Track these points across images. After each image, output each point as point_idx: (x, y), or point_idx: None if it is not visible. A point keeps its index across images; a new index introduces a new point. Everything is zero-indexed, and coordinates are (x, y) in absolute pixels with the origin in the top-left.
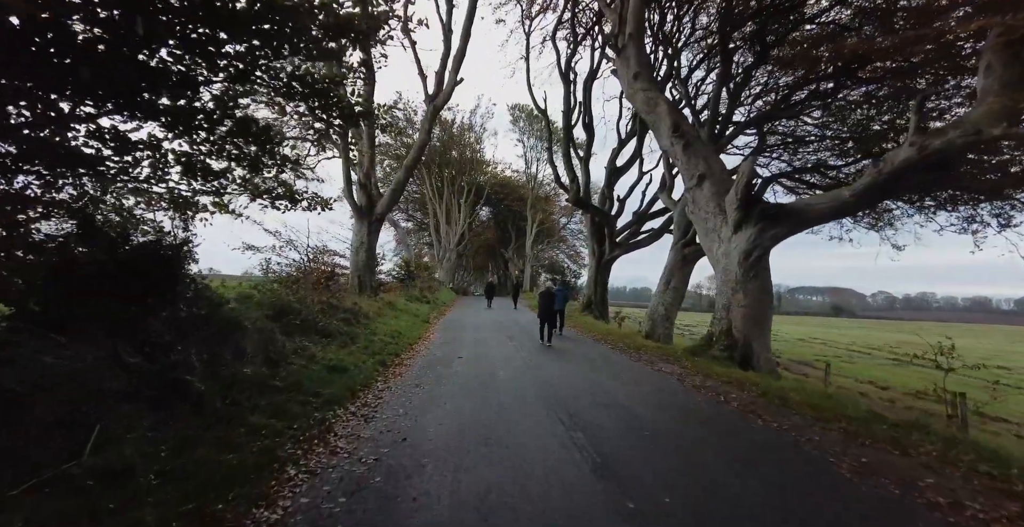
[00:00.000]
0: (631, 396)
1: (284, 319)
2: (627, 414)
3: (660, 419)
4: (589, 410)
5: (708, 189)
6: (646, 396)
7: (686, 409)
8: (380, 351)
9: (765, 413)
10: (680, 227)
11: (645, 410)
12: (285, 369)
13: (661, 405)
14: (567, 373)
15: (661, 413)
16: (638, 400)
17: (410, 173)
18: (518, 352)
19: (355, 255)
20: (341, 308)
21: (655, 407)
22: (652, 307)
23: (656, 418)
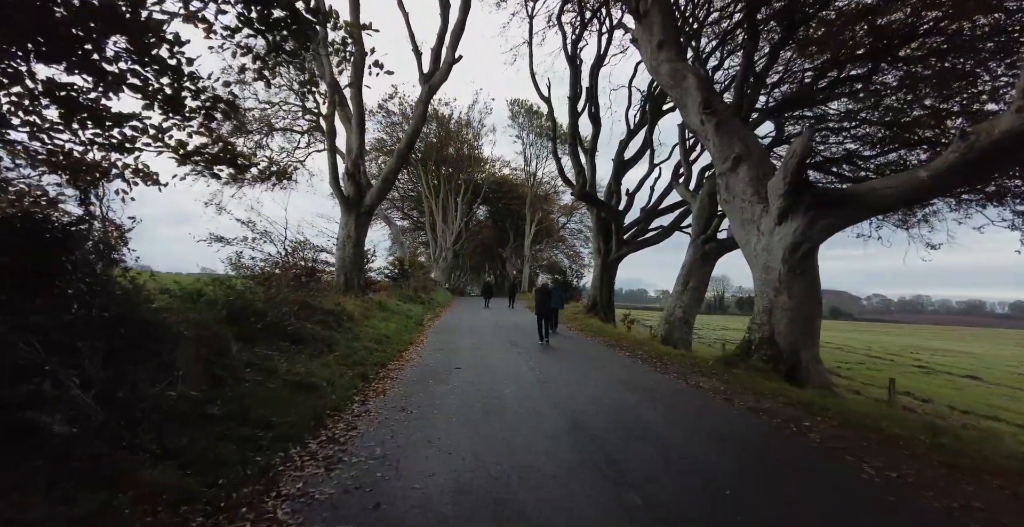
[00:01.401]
0: (678, 426)
1: (244, 323)
2: (685, 458)
3: (732, 467)
4: (632, 450)
5: (745, 173)
6: (697, 426)
7: (759, 449)
8: (363, 361)
9: (871, 457)
10: (700, 221)
11: (706, 451)
12: (233, 389)
13: (722, 440)
14: (589, 391)
15: (728, 455)
16: (690, 433)
17: (403, 161)
18: (525, 361)
19: (341, 250)
20: (320, 309)
21: (716, 444)
22: (668, 309)
23: (726, 465)
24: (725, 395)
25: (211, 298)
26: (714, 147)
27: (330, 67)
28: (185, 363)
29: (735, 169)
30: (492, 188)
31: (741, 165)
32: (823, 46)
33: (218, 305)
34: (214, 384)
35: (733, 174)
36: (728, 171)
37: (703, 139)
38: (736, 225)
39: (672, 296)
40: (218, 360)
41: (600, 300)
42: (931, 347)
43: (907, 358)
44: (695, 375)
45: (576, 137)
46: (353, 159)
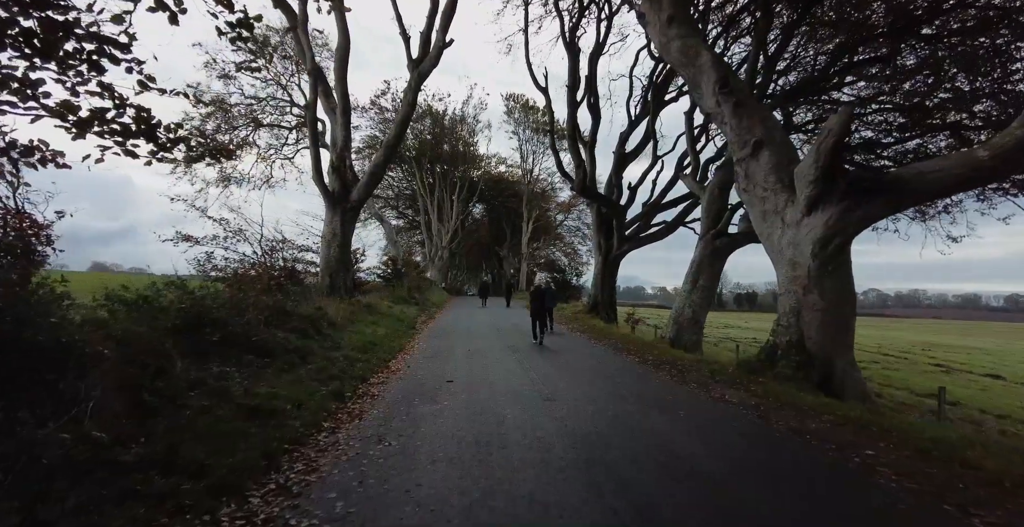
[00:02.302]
0: (719, 459)
1: (198, 334)
2: (742, 511)
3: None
4: (671, 500)
5: (767, 159)
6: (742, 460)
7: (828, 496)
8: (341, 374)
9: (977, 507)
10: (710, 215)
11: (766, 498)
12: (167, 421)
13: (779, 481)
14: (603, 410)
15: (795, 505)
16: (736, 470)
17: (392, 152)
18: (525, 371)
19: (326, 249)
20: (297, 315)
21: (774, 487)
22: (677, 309)
23: (793, 517)
24: (759, 412)
25: (160, 305)
26: (731, 131)
27: (311, 51)
28: (101, 391)
29: (755, 155)
30: (488, 186)
31: (762, 150)
32: (839, 26)
33: (169, 313)
34: (143, 416)
35: (753, 160)
36: (748, 157)
37: (718, 123)
38: (757, 217)
39: (681, 295)
40: (153, 384)
41: (601, 299)
42: (942, 343)
43: (921, 356)
44: (719, 386)
45: (575, 128)
46: (338, 152)
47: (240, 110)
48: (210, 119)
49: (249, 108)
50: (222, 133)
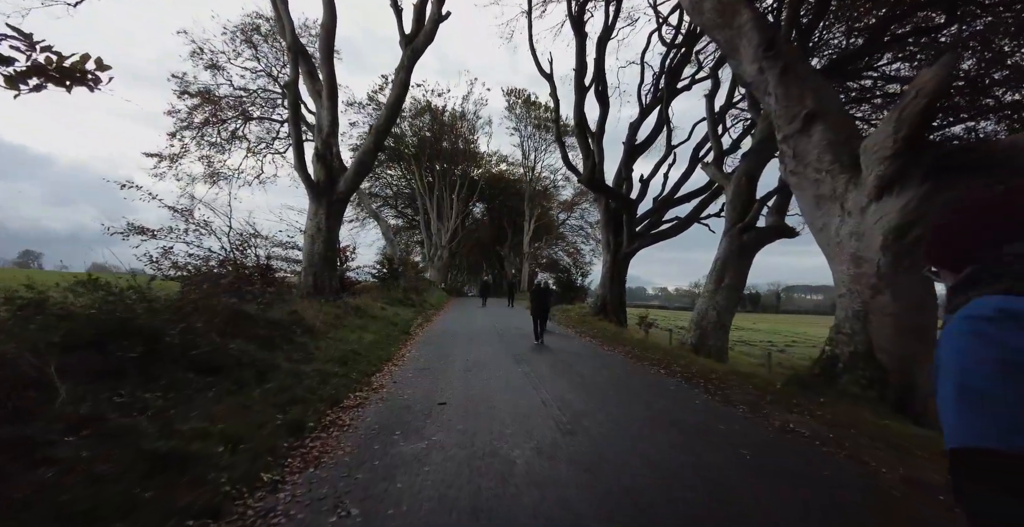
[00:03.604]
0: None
1: (110, 348)
2: None
3: None
4: None
5: (821, 135)
6: None
7: None
8: (306, 395)
9: None
10: (736, 207)
11: None
12: (9, 485)
13: None
14: (638, 445)
15: None
16: None
17: (382, 139)
18: (535, 389)
19: (309, 245)
20: (263, 320)
21: None
22: (700, 311)
23: None
24: (845, 449)
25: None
26: (777, 102)
27: (291, 24)
28: None
29: (807, 130)
30: (489, 184)
31: (815, 124)
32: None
33: (71, 321)
34: None
35: (804, 136)
36: (797, 133)
37: (760, 94)
38: (808, 203)
39: (703, 296)
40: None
41: (610, 300)
42: None
43: None
44: (771, 407)
45: (582, 116)
46: (324, 138)
47: (229, 102)
48: (197, 111)
49: (239, 100)
50: (211, 126)
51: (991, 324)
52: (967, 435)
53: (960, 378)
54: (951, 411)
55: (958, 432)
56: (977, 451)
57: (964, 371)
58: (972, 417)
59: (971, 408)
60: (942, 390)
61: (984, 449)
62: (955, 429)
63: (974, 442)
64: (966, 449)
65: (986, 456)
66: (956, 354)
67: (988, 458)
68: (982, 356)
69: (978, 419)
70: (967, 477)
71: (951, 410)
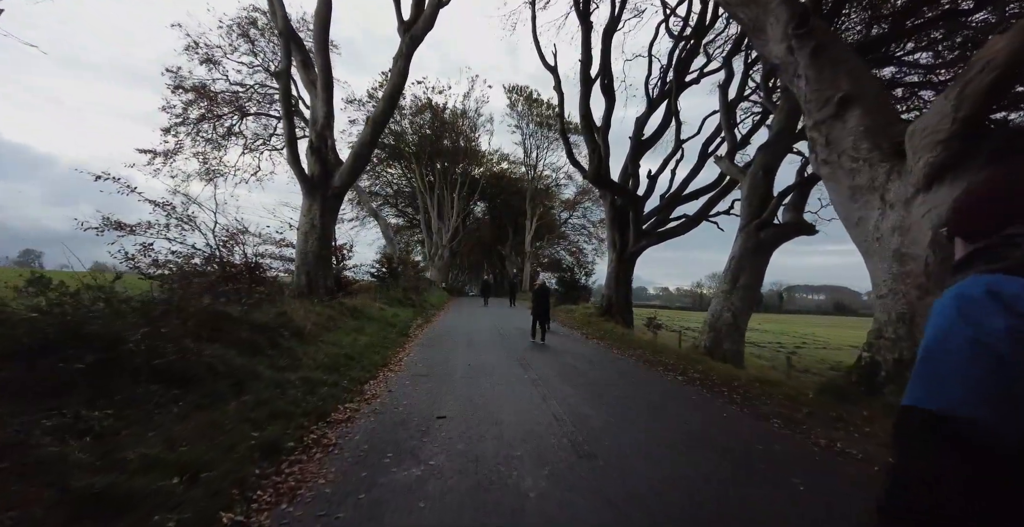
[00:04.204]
0: None
1: (50, 359)
2: None
3: None
4: None
5: (857, 120)
6: None
7: None
8: (288, 409)
9: None
10: (753, 202)
11: None
12: None
13: None
14: (672, 475)
15: None
16: None
17: (380, 130)
18: (545, 399)
19: (303, 242)
20: (246, 322)
21: None
22: (714, 313)
23: None
24: None
25: None
26: (808, 85)
27: (282, 9)
28: None
29: (841, 114)
30: (490, 183)
31: (851, 108)
32: None
33: (6, 327)
34: None
35: (838, 122)
36: (830, 118)
37: (788, 77)
38: (842, 196)
39: (717, 297)
40: None
41: (616, 300)
42: None
43: None
44: (810, 422)
45: (588, 109)
46: (319, 130)
47: (225, 97)
48: (193, 107)
49: (235, 95)
50: (206, 121)
51: (974, 303)
52: (915, 396)
53: (927, 347)
54: (912, 375)
55: (909, 393)
56: (919, 411)
57: (933, 342)
58: (924, 381)
59: (931, 374)
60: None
61: (924, 409)
62: (909, 390)
63: (919, 403)
64: (911, 407)
65: (925, 416)
66: (936, 328)
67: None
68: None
69: (928, 383)
70: (904, 434)
71: (913, 374)
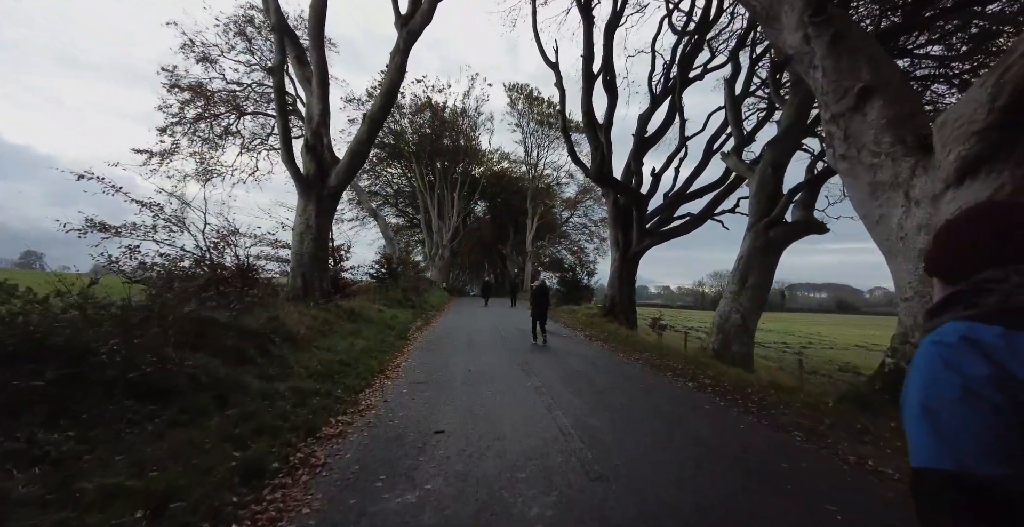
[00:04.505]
0: None
1: (3, 375)
2: None
3: None
4: None
5: (879, 112)
6: None
7: None
8: (275, 424)
9: None
10: (761, 200)
11: None
12: None
13: None
14: (693, 501)
15: None
16: None
17: (377, 127)
18: (550, 409)
19: (298, 244)
20: (234, 328)
21: None
22: (722, 314)
23: None
24: None
25: None
26: (824, 76)
27: (275, 4)
28: None
29: (861, 106)
30: (490, 182)
31: (872, 100)
32: None
33: None
34: None
35: (857, 114)
36: (849, 111)
37: (803, 68)
38: (862, 192)
39: (726, 297)
40: None
41: (619, 301)
42: None
43: None
44: (834, 434)
45: (590, 106)
46: (314, 128)
47: (222, 96)
48: (189, 106)
49: (232, 95)
50: (203, 121)
51: (953, 351)
52: (927, 456)
53: (923, 401)
54: (914, 432)
55: (919, 452)
56: (934, 471)
57: (927, 395)
58: (931, 439)
59: (931, 430)
60: (907, 410)
61: (939, 470)
62: (917, 449)
63: (932, 463)
64: (926, 468)
65: (941, 476)
66: (920, 378)
67: (942, 478)
68: (943, 382)
69: (936, 441)
70: (923, 495)
71: (914, 431)
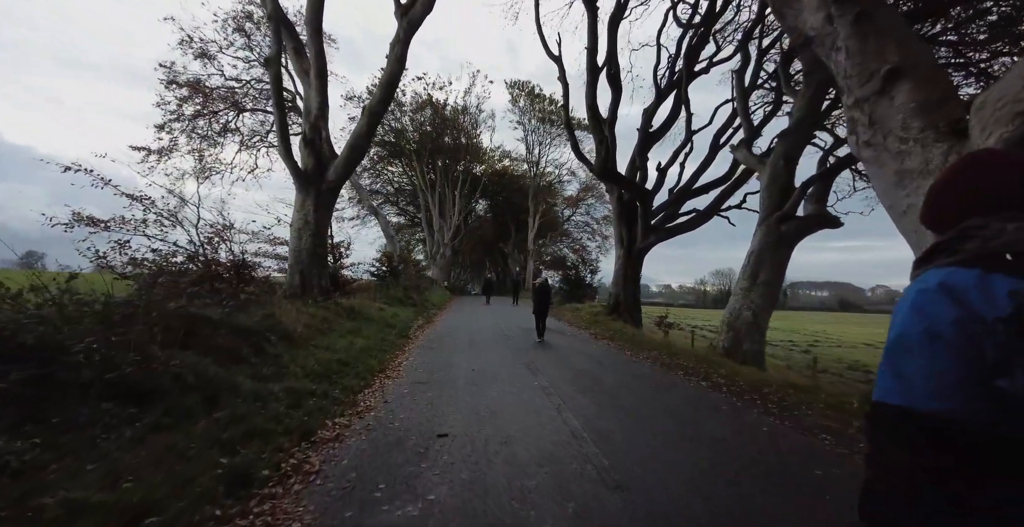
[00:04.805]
0: None
1: None
2: None
3: None
4: None
5: (907, 96)
6: None
7: None
8: (267, 428)
9: None
10: (773, 193)
11: None
12: None
13: None
14: (721, 513)
15: None
16: None
17: (377, 120)
18: (559, 410)
19: (296, 240)
20: (226, 326)
21: None
22: (732, 311)
23: None
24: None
25: None
26: (848, 58)
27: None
28: None
29: (888, 90)
30: (492, 180)
31: (900, 82)
32: None
33: None
34: None
35: (884, 98)
36: (875, 94)
37: (825, 50)
38: (888, 182)
39: (736, 294)
40: None
41: (624, 299)
42: None
43: None
44: None
45: (595, 99)
46: (312, 121)
47: (221, 93)
48: (188, 103)
49: (231, 91)
50: (201, 118)
51: (927, 296)
52: (883, 391)
53: (890, 342)
54: (880, 370)
55: (878, 388)
56: (888, 406)
57: (894, 337)
58: (889, 376)
59: (891, 369)
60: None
61: (890, 405)
62: (877, 385)
63: (886, 398)
64: (881, 403)
65: (896, 412)
66: (897, 323)
67: (895, 413)
68: (909, 325)
69: (892, 379)
70: (880, 428)
71: (880, 369)
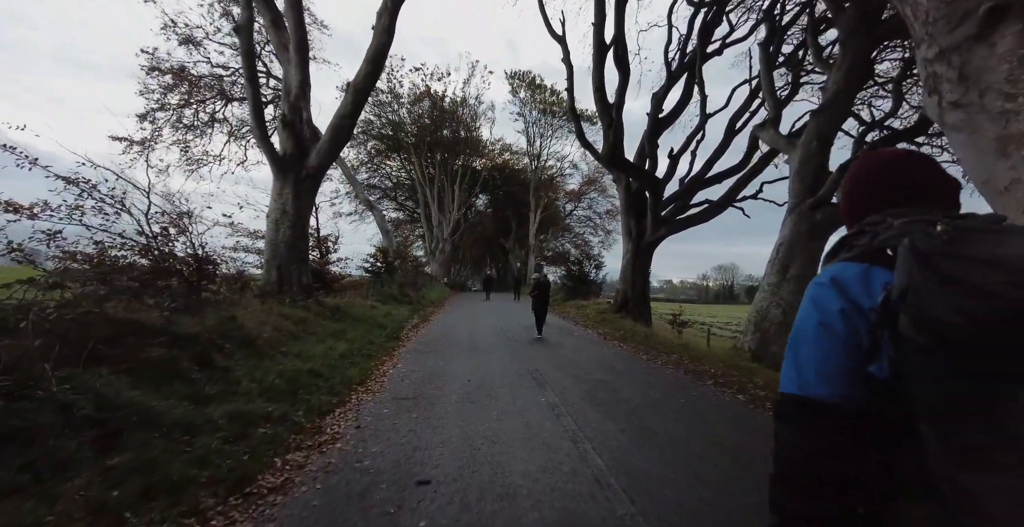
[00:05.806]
0: None
1: None
2: None
3: None
4: None
5: (1014, 41)
6: None
7: None
8: (179, 480)
9: None
10: (806, 177)
11: None
12: None
13: None
14: None
15: None
16: None
17: (363, 98)
18: (575, 443)
19: (273, 232)
20: (165, 334)
21: None
22: (759, 310)
23: None
24: None
25: None
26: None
27: None
28: None
29: (987, 35)
30: (492, 174)
31: (1005, 24)
32: None
33: None
34: None
35: (982, 46)
36: (968, 40)
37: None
38: (981, 151)
39: (763, 291)
40: None
41: (632, 295)
42: None
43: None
44: None
45: (602, 79)
46: (291, 101)
47: (207, 82)
48: (172, 91)
49: (218, 79)
50: (187, 107)
51: (822, 289)
52: (785, 382)
53: (793, 335)
54: (784, 362)
55: (783, 380)
56: (789, 397)
57: (795, 329)
58: (789, 367)
59: (791, 360)
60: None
61: (790, 395)
62: (782, 377)
63: (787, 388)
64: (783, 394)
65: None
66: (800, 316)
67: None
68: (806, 318)
69: (792, 369)
70: (782, 418)
71: (784, 361)
